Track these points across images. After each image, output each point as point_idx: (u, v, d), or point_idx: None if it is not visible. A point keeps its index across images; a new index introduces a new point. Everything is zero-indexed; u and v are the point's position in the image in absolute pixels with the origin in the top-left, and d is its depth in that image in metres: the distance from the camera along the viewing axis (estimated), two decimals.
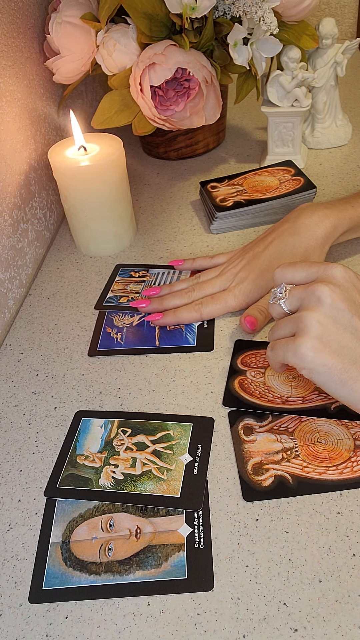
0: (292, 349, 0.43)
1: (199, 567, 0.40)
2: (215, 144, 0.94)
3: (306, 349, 0.42)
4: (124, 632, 0.38)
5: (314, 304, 0.43)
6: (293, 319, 0.44)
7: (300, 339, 0.42)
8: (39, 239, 0.75)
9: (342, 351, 0.42)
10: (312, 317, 0.42)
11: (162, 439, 0.49)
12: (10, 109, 0.66)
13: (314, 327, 0.42)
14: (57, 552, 0.42)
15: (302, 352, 0.42)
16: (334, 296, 0.43)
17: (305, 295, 0.44)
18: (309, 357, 0.42)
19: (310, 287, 0.44)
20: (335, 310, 0.42)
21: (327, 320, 0.42)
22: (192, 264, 0.67)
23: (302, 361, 0.42)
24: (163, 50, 0.67)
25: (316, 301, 0.43)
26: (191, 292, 0.61)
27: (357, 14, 1.34)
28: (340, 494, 0.43)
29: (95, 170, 0.66)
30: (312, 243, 0.59)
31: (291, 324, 0.44)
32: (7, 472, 0.49)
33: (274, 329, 0.47)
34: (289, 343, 0.43)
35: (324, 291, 0.43)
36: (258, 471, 0.45)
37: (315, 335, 0.42)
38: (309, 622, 0.37)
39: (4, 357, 0.60)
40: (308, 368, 0.42)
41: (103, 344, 0.60)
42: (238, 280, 0.60)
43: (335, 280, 0.44)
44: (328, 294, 0.43)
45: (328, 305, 0.42)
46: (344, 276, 0.44)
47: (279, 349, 0.44)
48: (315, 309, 0.43)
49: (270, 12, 0.68)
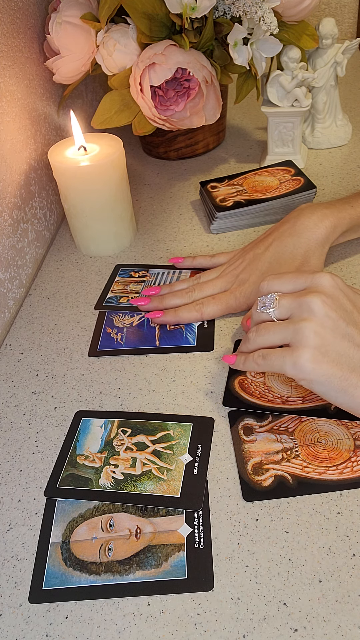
0: (291, 361, 0.42)
1: (199, 567, 0.40)
2: (215, 144, 0.94)
3: (306, 360, 0.42)
4: (124, 632, 0.38)
5: (307, 314, 0.43)
6: (287, 328, 0.44)
7: (299, 351, 0.42)
8: (39, 239, 0.75)
9: (340, 359, 0.42)
10: (310, 328, 0.42)
11: (162, 439, 0.49)
12: (10, 109, 0.66)
13: (312, 337, 0.42)
14: (57, 552, 0.42)
15: (302, 363, 0.42)
16: (326, 306, 0.43)
17: (296, 306, 0.44)
18: (308, 368, 0.42)
19: (301, 298, 0.44)
20: (329, 319, 0.43)
21: (323, 330, 0.42)
22: (192, 262, 0.67)
23: (302, 373, 0.42)
24: (163, 50, 0.67)
25: (309, 312, 0.43)
26: (192, 292, 0.61)
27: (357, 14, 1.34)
28: (340, 494, 0.43)
29: (95, 170, 0.66)
30: (312, 243, 0.59)
31: (284, 333, 0.44)
32: (7, 472, 0.49)
33: (260, 332, 0.46)
34: (286, 355, 0.43)
35: (316, 302, 0.43)
36: (258, 471, 0.45)
37: (314, 346, 0.42)
38: (309, 622, 0.37)
39: (4, 357, 0.60)
40: (308, 379, 0.42)
41: (103, 344, 0.60)
42: (239, 282, 0.60)
43: (324, 290, 0.44)
44: (320, 305, 0.43)
45: (322, 315, 0.42)
46: (332, 284, 0.44)
47: (274, 360, 0.44)
48: (310, 319, 0.43)
49: (270, 12, 0.68)
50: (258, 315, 0.47)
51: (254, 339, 0.46)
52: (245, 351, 0.48)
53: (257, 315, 0.47)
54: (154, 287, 0.64)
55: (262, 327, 0.46)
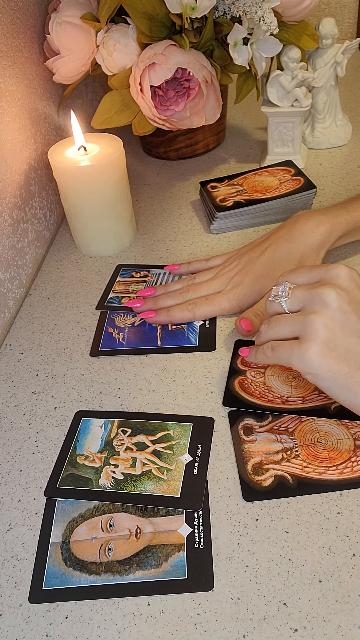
0: (298, 354, 0.42)
1: (199, 567, 0.40)
2: (215, 144, 0.94)
3: (313, 354, 0.41)
4: (124, 632, 0.38)
5: (319, 307, 0.42)
6: (297, 321, 0.43)
7: (306, 344, 0.41)
8: (39, 239, 0.75)
9: (348, 355, 0.41)
10: (319, 321, 0.41)
11: (162, 439, 0.49)
12: (10, 109, 0.66)
13: (321, 331, 0.41)
14: (57, 552, 0.42)
15: (309, 357, 0.41)
16: (340, 299, 0.42)
17: (309, 297, 0.43)
18: (315, 362, 0.41)
19: (315, 290, 0.43)
20: (342, 313, 0.42)
21: (333, 324, 0.41)
22: (188, 268, 0.66)
23: (307, 366, 0.42)
24: (163, 50, 0.67)
25: (322, 304, 0.42)
26: (186, 293, 0.61)
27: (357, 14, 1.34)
28: (340, 494, 0.43)
29: (95, 170, 0.66)
30: (308, 249, 0.59)
31: (294, 325, 0.43)
32: (7, 472, 0.49)
33: (271, 324, 0.45)
34: (294, 347, 0.42)
35: (331, 294, 0.42)
36: (258, 471, 0.45)
37: (322, 340, 0.41)
38: (309, 622, 0.37)
39: (4, 357, 0.60)
40: (313, 374, 0.42)
41: (105, 344, 0.60)
42: (233, 284, 0.60)
43: (340, 282, 0.43)
44: (335, 297, 0.42)
45: (335, 309, 0.42)
46: (349, 277, 0.43)
47: (282, 352, 0.43)
48: (321, 312, 0.42)
49: (270, 12, 0.68)
50: (270, 304, 0.46)
51: (266, 331, 0.46)
52: (258, 344, 0.47)
53: (270, 305, 0.46)
54: (149, 288, 0.64)
55: (274, 320, 0.45)
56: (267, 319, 0.46)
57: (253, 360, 0.47)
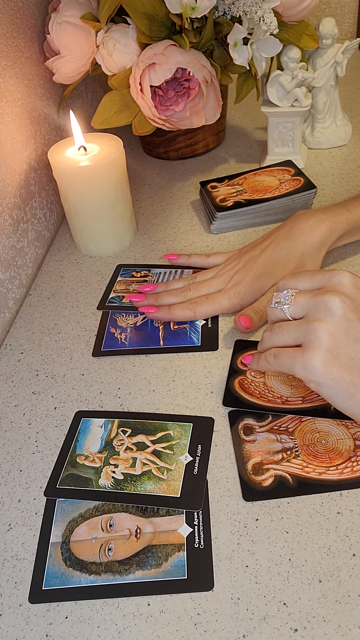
0: (301, 362, 0.41)
1: (199, 567, 0.40)
2: (215, 144, 0.94)
3: (317, 362, 0.40)
4: (124, 632, 0.38)
5: (323, 314, 0.41)
6: (300, 328, 0.42)
7: (310, 352, 0.41)
8: (39, 239, 0.75)
9: (351, 364, 0.41)
10: (323, 329, 0.41)
11: (162, 439, 0.49)
12: (10, 109, 0.66)
13: (325, 339, 0.41)
14: (57, 552, 0.42)
15: (313, 365, 0.41)
16: (345, 307, 0.41)
17: (313, 305, 0.42)
18: (319, 370, 0.41)
19: (319, 297, 0.42)
20: (346, 321, 0.41)
21: (338, 332, 0.41)
22: (187, 260, 0.67)
23: (311, 374, 0.41)
24: (163, 50, 0.67)
25: (326, 312, 0.41)
26: (187, 292, 0.61)
27: (357, 14, 1.34)
28: (340, 494, 0.43)
29: (95, 170, 0.66)
30: (308, 248, 0.59)
31: (297, 333, 0.42)
32: (7, 472, 0.49)
33: (274, 331, 0.44)
34: (297, 355, 0.42)
35: (335, 302, 0.41)
36: (258, 471, 0.45)
37: (326, 348, 0.40)
38: (309, 622, 0.37)
39: (4, 357, 0.60)
40: (317, 382, 0.41)
41: (107, 344, 0.60)
42: (234, 282, 0.60)
43: (344, 289, 0.42)
44: (339, 305, 0.41)
45: (339, 317, 0.41)
46: (352, 283, 0.43)
47: (284, 359, 0.43)
48: (325, 320, 0.41)
49: (270, 12, 0.68)
50: (272, 311, 0.45)
51: (268, 338, 0.45)
52: (260, 350, 0.47)
53: (272, 312, 0.45)
54: (149, 284, 0.64)
55: (277, 327, 0.44)
56: (269, 326, 0.46)
57: (255, 368, 0.47)
